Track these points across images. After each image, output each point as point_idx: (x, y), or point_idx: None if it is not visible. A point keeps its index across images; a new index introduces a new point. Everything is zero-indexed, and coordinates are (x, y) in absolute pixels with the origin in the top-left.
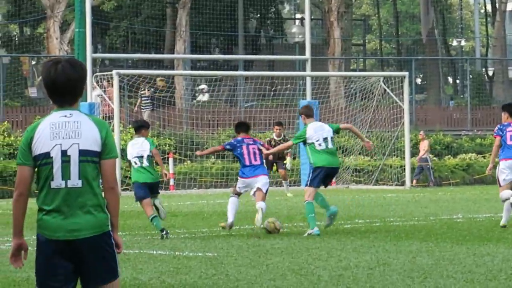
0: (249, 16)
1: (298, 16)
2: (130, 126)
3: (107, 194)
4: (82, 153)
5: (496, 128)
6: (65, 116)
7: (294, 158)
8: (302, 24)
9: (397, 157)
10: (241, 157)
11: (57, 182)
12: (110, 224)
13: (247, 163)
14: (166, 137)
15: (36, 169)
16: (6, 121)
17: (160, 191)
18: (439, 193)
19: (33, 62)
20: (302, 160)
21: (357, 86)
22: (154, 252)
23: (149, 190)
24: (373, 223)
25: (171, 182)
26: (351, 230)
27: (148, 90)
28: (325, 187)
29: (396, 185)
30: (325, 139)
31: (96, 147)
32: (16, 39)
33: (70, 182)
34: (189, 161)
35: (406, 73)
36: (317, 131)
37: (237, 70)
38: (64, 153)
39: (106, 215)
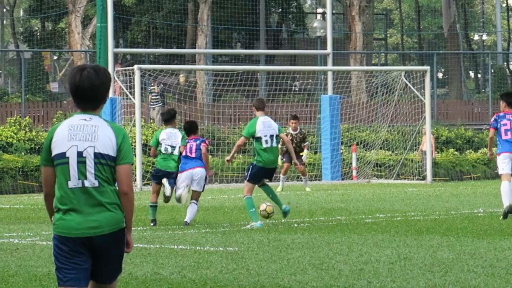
0: (271, 11)
1: (319, 10)
2: (151, 121)
3: (121, 198)
4: (97, 156)
5: (492, 119)
6: (85, 119)
7: (315, 153)
8: (324, 18)
9: (418, 151)
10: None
11: (74, 182)
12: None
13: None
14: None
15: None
16: (27, 116)
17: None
18: (460, 187)
19: (55, 57)
20: (323, 154)
21: (378, 80)
22: (175, 246)
23: (166, 177)
24: (394, 218)
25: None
26: (372, 225)
27: (158, 86)
28: (270, 180)
29: (417, 179)
30: (272, 137)
31: (111, 151)
32: (38, 34)
33: (87, 182)
34: (210, 156)
35: (427, 68)
36: (266, 126)
37: (258, 64)
38: (79, 154)
39: (123, 213)
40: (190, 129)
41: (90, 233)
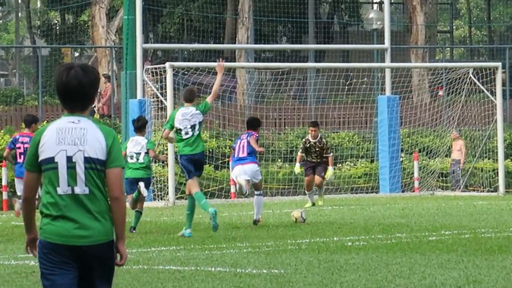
0: (321, 1)
1: (376, 0)
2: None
3: (112, 203)
4: (87, 160)
5: None
6: (73, 122)
7: (371, 161)
8: (381, 8)
9: (489, 159)
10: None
11: (64, 188)
12: (115, 233)
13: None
14: (226, 138)
15: (41, 174)
16: (45, 121)
17: (219, 199)
18: None
19: (76, 54)
20: (381, 163)
21: (443, 78)
22: (213, 269)
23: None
24: (461, 235)
25: (232, 189)
26: (437, 243)
27: None
28: (199, 176)
29: (488, 191)
30: (193, 127)
31: (101, 155)
32: (57, 28)
33: (76, 189)
34: None
35: (499, 64)
36: (185, 116)
37: (307, 61)
38: (69, 159)
39: (112, 224)
40: (250, 123)
41: (79, 242)
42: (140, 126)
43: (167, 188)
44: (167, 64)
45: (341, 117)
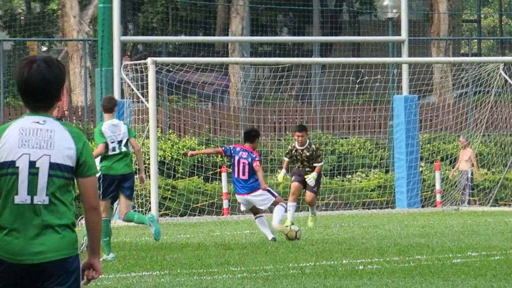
0: None
1: None
2: (170, 131)
3: (88, 215)
4: (53, 166)
5: None
6: (38, 122)
7: (386, 172)
8: None
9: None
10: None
11: (22, 197)
12: (89, 248)
13: (235, 175)
14: (217, 145)
15: None
16: None
17: (210, 215)
18: None
19: (44, 48)
20: (397, 174)
21: (469, 75)
22: None
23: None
24: (490, 257)
25: (225, 204)
26: (462, 266)
27: None
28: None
29: None
30: (120, 142)
31: (69, 161)
32: (22, 18)
33: (36, 198)
34: None
35: None
36: (113, 131)
37: (311, 56)
38: (32, 164)
39: (75, 237)
40: (247, 136)
41: (36, 259)
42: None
43: (149, 203)
44: (149, 60)
45: (351, 120)
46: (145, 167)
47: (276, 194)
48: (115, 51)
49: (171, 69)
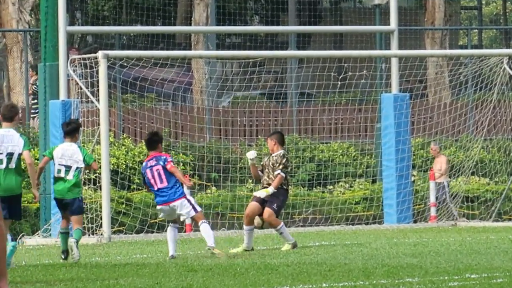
0: None
1: None
2: (124, 135)
3: None
4: None
5: None
6: None
7: (373, 181)
8: None
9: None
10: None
11: None
12: None
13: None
14: (179, 152)
15: None
16: None
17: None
18: None
19: None
20: (385, 184)
21: (468, 70)
22: None
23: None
24: (492, 279)
25: (187, 220)
26: None
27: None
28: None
29: None
30: (11, 155)
31: None
32: None
33: None
34: (214, 188)
35: None
36: (3, 141)
37: (287, 48)
38: None
39: None
40: (149, 143)
41: None
42: (70, 130)
43: (101, 219)
44: (100, 53)
45: (333, 122)
46: (96, 176)
47: (198, 209)
48: (60, 44)
49: (125, 64)
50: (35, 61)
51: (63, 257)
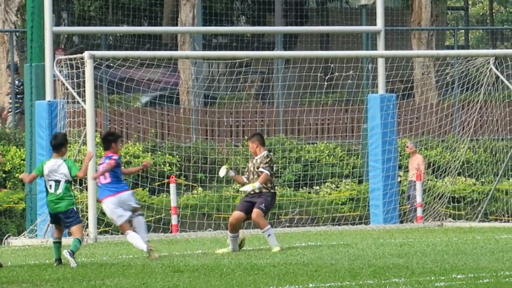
0: None
1: None
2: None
3: None
4: None
5: None
6: None
7: (359, 182)
8: None
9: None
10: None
11: None
12: None
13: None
14: (165, 153)
15: None
16: None
17: (156, 233)
18: None
19: None
20: (371, 184)
21: (455, 71)
22: None
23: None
24: (478, 279)
25: (173, 220)
26: None
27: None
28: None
29: None
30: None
31: None
32: None
33: None
34: (200, 189)
35: None
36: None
37: (273, 49)
38: None
39: None
40: (103, 142)
41: None
42: (55, 145)
43: (87, 219)
44: (86, 54)
45: (319, 123)
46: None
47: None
48: (46, 44)
49: (111, 64)
50: (21, 61)
51: (55, 264)
